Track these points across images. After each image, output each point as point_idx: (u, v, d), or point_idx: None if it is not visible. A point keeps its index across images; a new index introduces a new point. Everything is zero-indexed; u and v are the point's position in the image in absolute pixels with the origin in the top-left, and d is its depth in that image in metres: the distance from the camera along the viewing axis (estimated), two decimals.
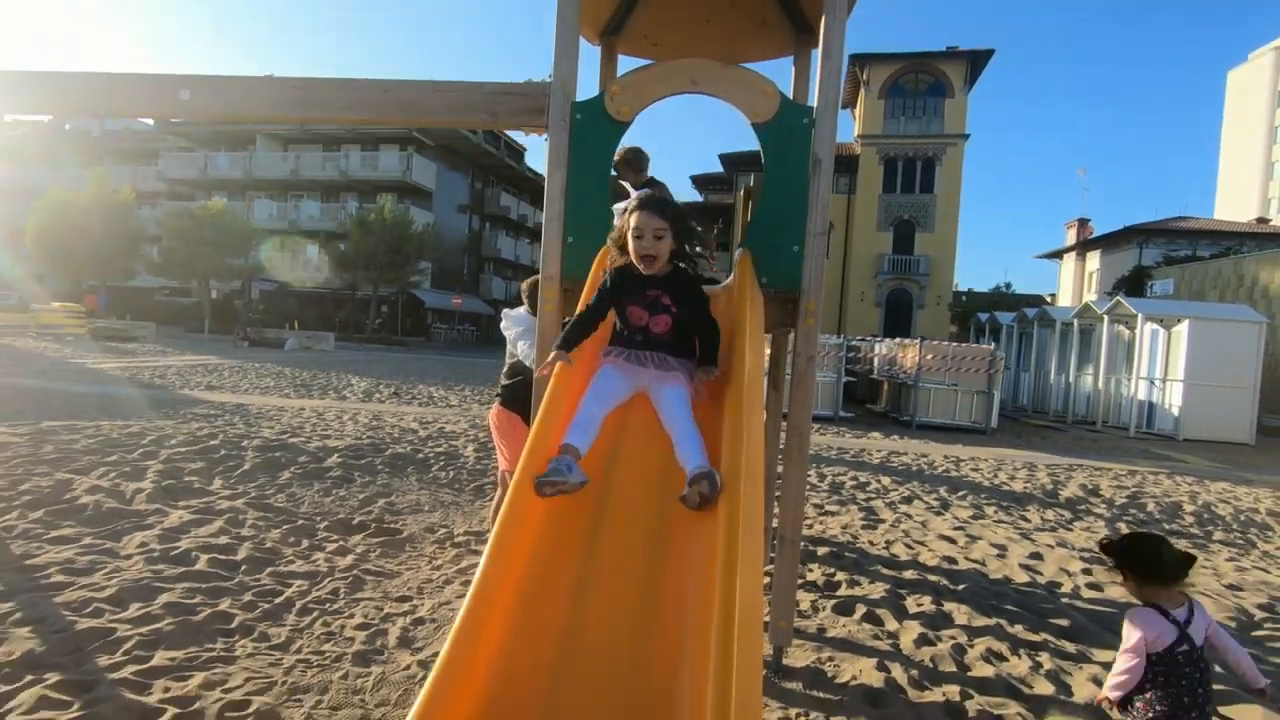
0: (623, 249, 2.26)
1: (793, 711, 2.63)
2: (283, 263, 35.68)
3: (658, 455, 2.08)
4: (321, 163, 39.50)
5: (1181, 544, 5.35)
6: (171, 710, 2.32)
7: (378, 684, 2.64)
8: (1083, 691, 2.88)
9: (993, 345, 15.19)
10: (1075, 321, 15.76)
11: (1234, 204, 53.86)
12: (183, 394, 10.77)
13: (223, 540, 3.94)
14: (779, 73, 4.53)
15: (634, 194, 4.03)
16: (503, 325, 4.04)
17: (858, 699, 2.75)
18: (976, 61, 34.35)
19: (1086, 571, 4.48)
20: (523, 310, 4.01)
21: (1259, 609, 3.99)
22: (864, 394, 16.26)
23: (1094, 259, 40.17)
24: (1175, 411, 13.16)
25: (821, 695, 2.77)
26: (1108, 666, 3.10)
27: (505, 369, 4.11)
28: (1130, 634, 2.00)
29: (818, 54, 3.05)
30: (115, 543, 3.75)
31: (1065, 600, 3.96)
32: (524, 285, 4.03)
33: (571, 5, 2.90)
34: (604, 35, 4.12)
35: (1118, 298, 14.93)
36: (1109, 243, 38.51)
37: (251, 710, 2.38)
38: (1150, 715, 1.96)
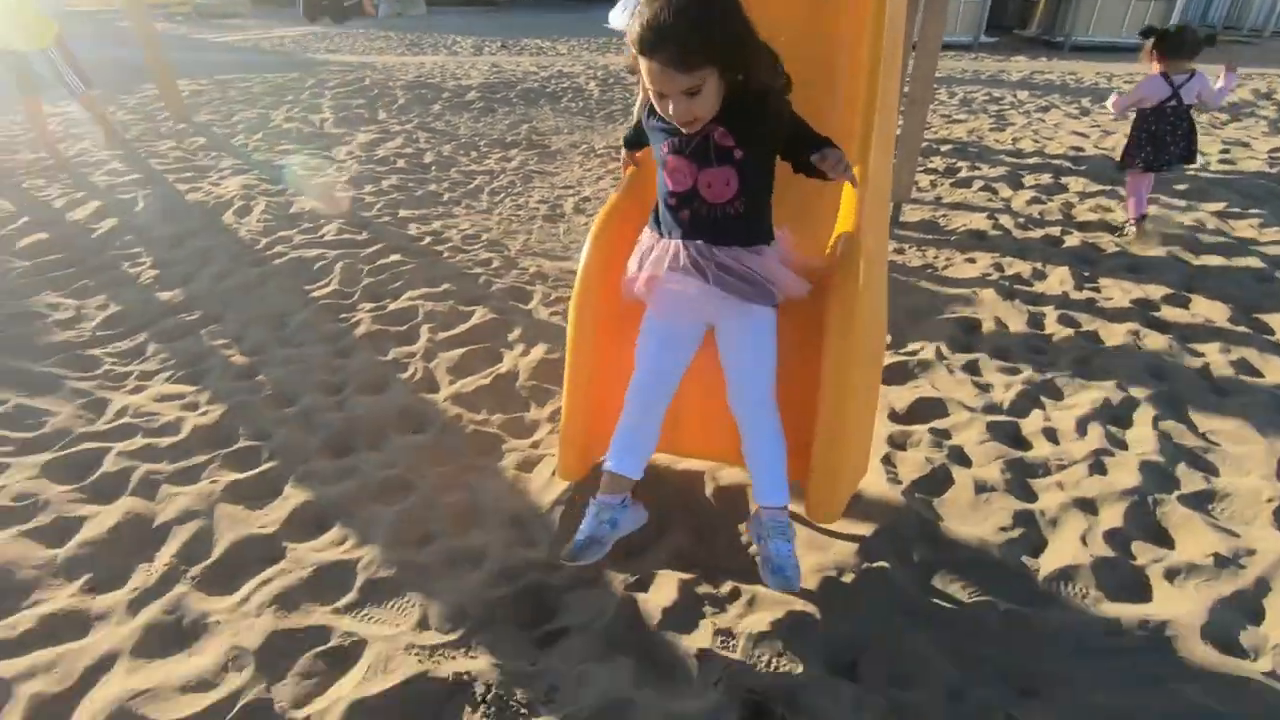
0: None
1: (907, 247, 3.15)
2: None
3: None
4: None
5: None
6: (428, 238, 3.15)
7: (566, 231, 3.37)
8: (1181, 226, 3.19)
9: None
10: None
11: None
12: (309, 57, 11.15)
13: (409, 150, 4.63)
14: None
15: None
16: (612, 22, 3.80)
17: (966, 238, 3.22)
18: None
19: (1224, 152, 4.44)
20: None
21: None
22: (1015, 19, 14.17)
23: None
24: None
25: (934, 237, 3.26)
26: (1218, 214, 3.38)
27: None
28: (1137, 88, 3.02)
29: None
30: (328, 153, 4.52)
31: (1191, 171, 4.05)
32: None
33: None
34: None
35: None
36: None
37: (482, 240, 3.17)
38: (1141, 154, 3.02)
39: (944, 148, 4.78)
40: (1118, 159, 3.24)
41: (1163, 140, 2.98)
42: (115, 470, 1.72)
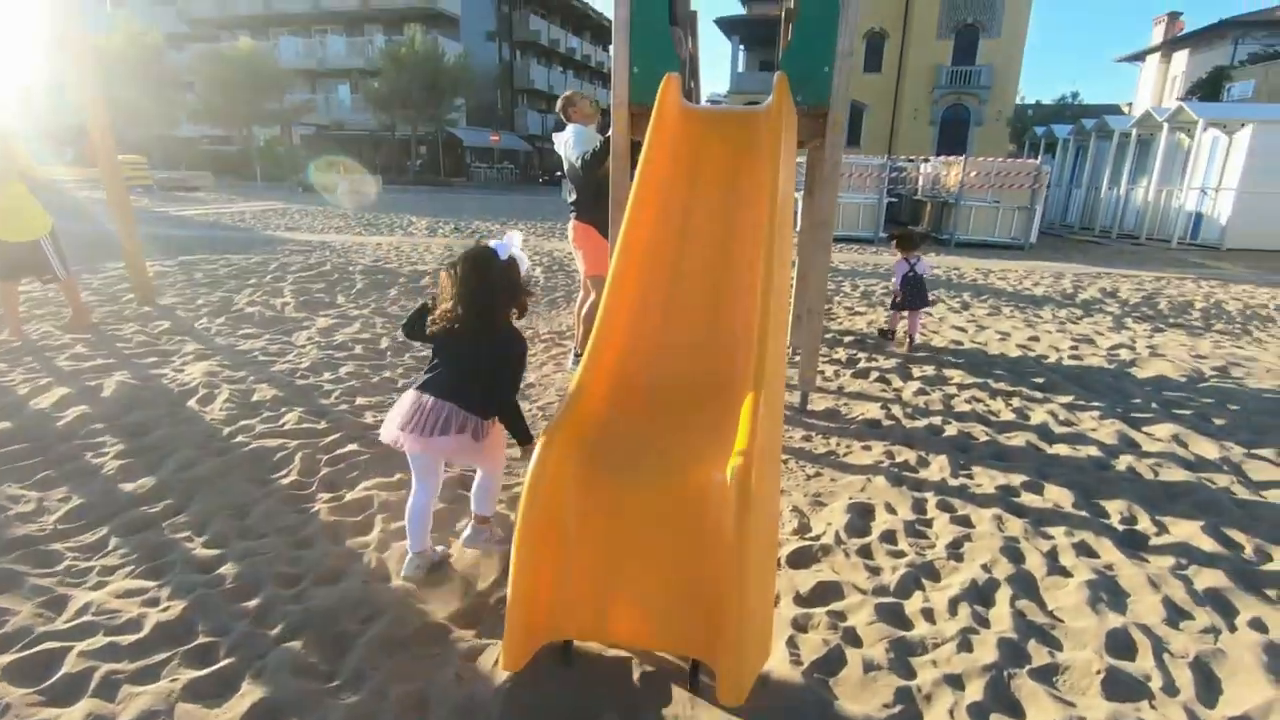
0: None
1: (814, 435, 3.61)
2: (317, 105, 35.39)
3: (719, 222, 2.85)
4: None
5: (1177, 333, 6.06)
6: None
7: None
8: (1036, 419, 3.79)
9: (1038, 160, 14.91)
10: (1134, 131, 15.20)
11: None
12: (269, 234, 11.82)
13: (366, 336, 5.01)
14: None
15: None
16: (558, 148, 4.58)
17: (863, 427, 3.71)
18: None
19: (1074, 348, 5.27)
20: (568, 128, 4.51)
21: (1213, 370, 4.76)
22: (907, 216, 16.39)
23: (1180, 60, 36.51)
24: (1222, 221, 13.12)
25: (836, 425, 3.74)
26: (1066, 406, 4.00)
27: (569, 189, 4.67)
28: (896, 269, 5.17)
29: None
30: (289, 338, 4.85)
31: (1047, 365, 4.80)
32: (559, 102, 4.57)
33: None
34: None
35: (1180, 103, 14.25)
36: (1199, 40, 34.73)
37: None
38: (899, 299, 5.14)
39: (847, 339, 5.48)
40: (889, 303, 5.57)
41: (909, 294, 5.09)
42: (76, 671, 1.81)
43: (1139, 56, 41.34)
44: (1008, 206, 12.54)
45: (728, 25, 37.25)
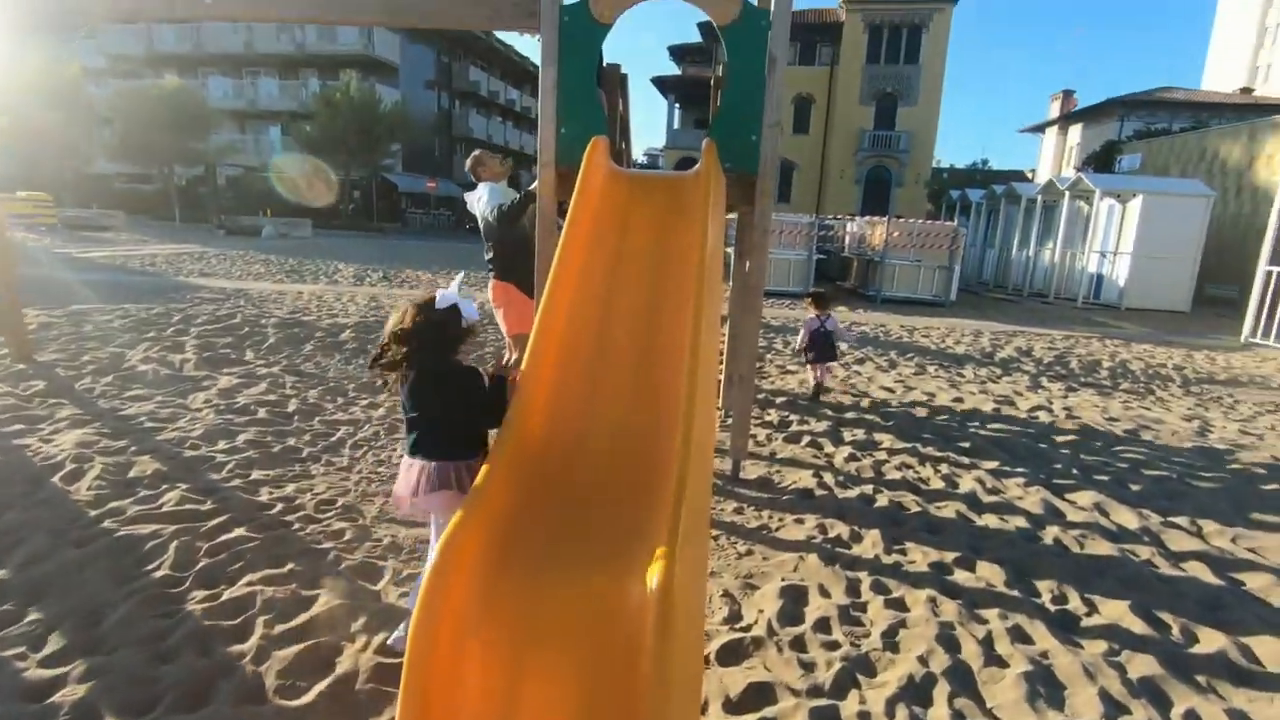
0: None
1: (746, 507, 3.49)
2: (245, 146, 34.50)
3: (643, 304, 2.74)
4: (276, 34, 37.11)
5: (1089, 392, 6.30)
6: (279, 505, 3.10)
7: None
8: (965, 486, 3.78)
9: (955, 222, 15.77)
10: (1040, 197, 16.30)
11: (1223, 73, 52.82)
12: (180, 280, 11.15)
13: (272, 397, 4.65)
14: None
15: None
16: (470, 207, 4.44)
17: (796, 498, 3.61)
18: None
19: (996, 410, 5.39)
20: (480, 186, 4.35)
21: (1125, 433, 4.93)
22: (835, 271, 16.95)
23: (1075, 133, 39.89)
24: (1121, 283, 14.08)
25: (768, 496, 3.63)
26: (992, 472, 4.02)
27: (486, 246, 4.45)
28: (806, 324, 5.52)
29: None
30: (184, 400, 4.44)
31: (972, 429, 4.86)
32: (468, 162, 4.47)
33: None
34: None
35: (1079, 174, 15.41)
36: (1091, 116, 38.13)
37: (337, 505, 3.17)
38: (810, 355, 5.52)
39: (779, 399, 5.45)
40: (799, 356, 6.07)
41: (819, 349, 5.48)
42: None
43: (1040, 128, 45.02)
44: (929, 265, 13.11)
45: (663, 84, 38.57)
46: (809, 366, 5.70)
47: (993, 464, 4.14)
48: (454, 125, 44.60)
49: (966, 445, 4.46)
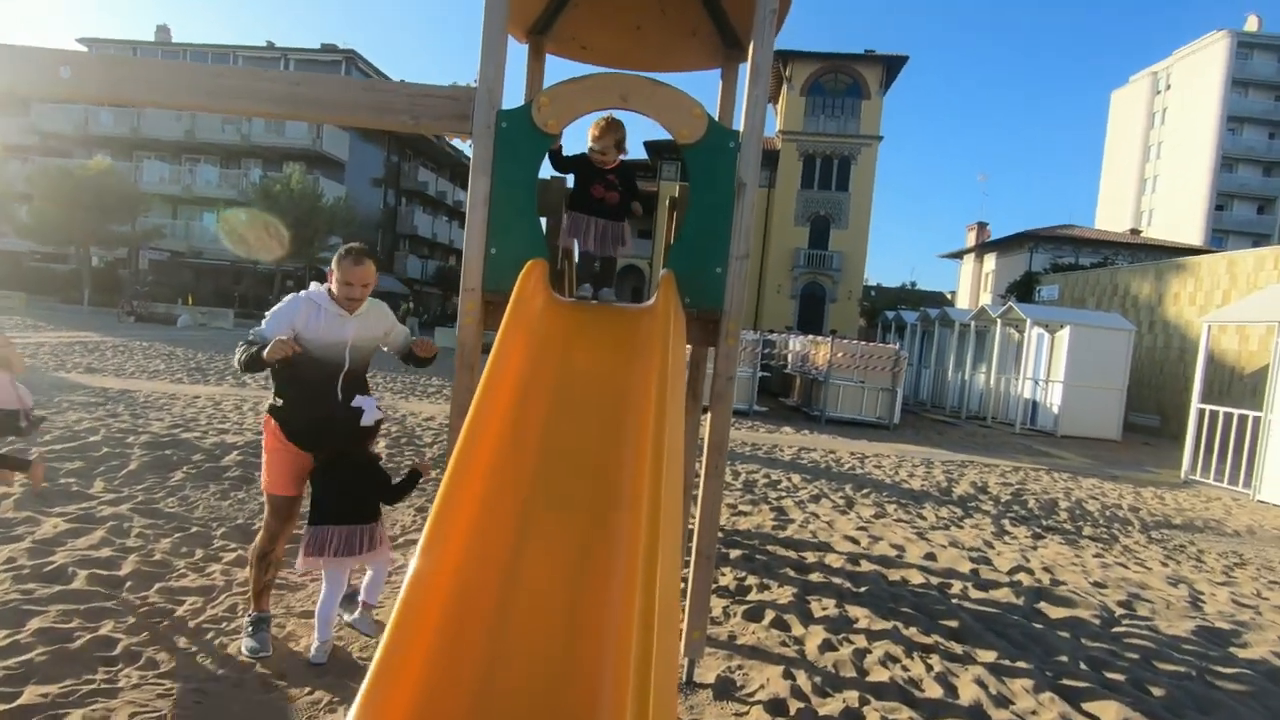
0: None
1: None
2: (175, 231, 33.21)
3: (592, 447, 2.08)
4: (220, 125, 36.80)
5: (1057, 540, 5.86)
6: None
7: (279, 713, 2.53)
8: (967, 693, 3.11)
9: (897, 345, 16.00)
10: (972, 323, 16.81)
11: (1112, 215, 58.65)
12: (57, 377, 9.86)
13: (104, 553, 3.65)
14: (706, 85, 4.54)
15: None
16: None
17: (764, 711, 2.86)
18: (892, 66, 35.78)
19: (974, 571, 4.83)
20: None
21: (1119, 606, 4.41)
22: (778, 387, 16.79)
23: (990, 260, 42.95)
24: (1055, 410, 14.32)
25: (730, 706, 2.87)
26: (990, 667, 3.37)
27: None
28: None
29: (745, 69, 3.10)
30: None
31: (955, 601, 4.25)
32: None
33: (499, 6, 2.82)
34: (532, 34, 4.03)
35: (1010, 303, 16.03)
36: (1004, 246, 41.22)
37: None
38: None
39: (733, 554, 4.75)
40: None
41: None
42: None
43: (958, 255, 48.42)
44: (872, 387, 13.00)
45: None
46: None
47: (990, 655, 3.49)
48: (399, 222, 44.48)
49: (954, 625, 3.83)
